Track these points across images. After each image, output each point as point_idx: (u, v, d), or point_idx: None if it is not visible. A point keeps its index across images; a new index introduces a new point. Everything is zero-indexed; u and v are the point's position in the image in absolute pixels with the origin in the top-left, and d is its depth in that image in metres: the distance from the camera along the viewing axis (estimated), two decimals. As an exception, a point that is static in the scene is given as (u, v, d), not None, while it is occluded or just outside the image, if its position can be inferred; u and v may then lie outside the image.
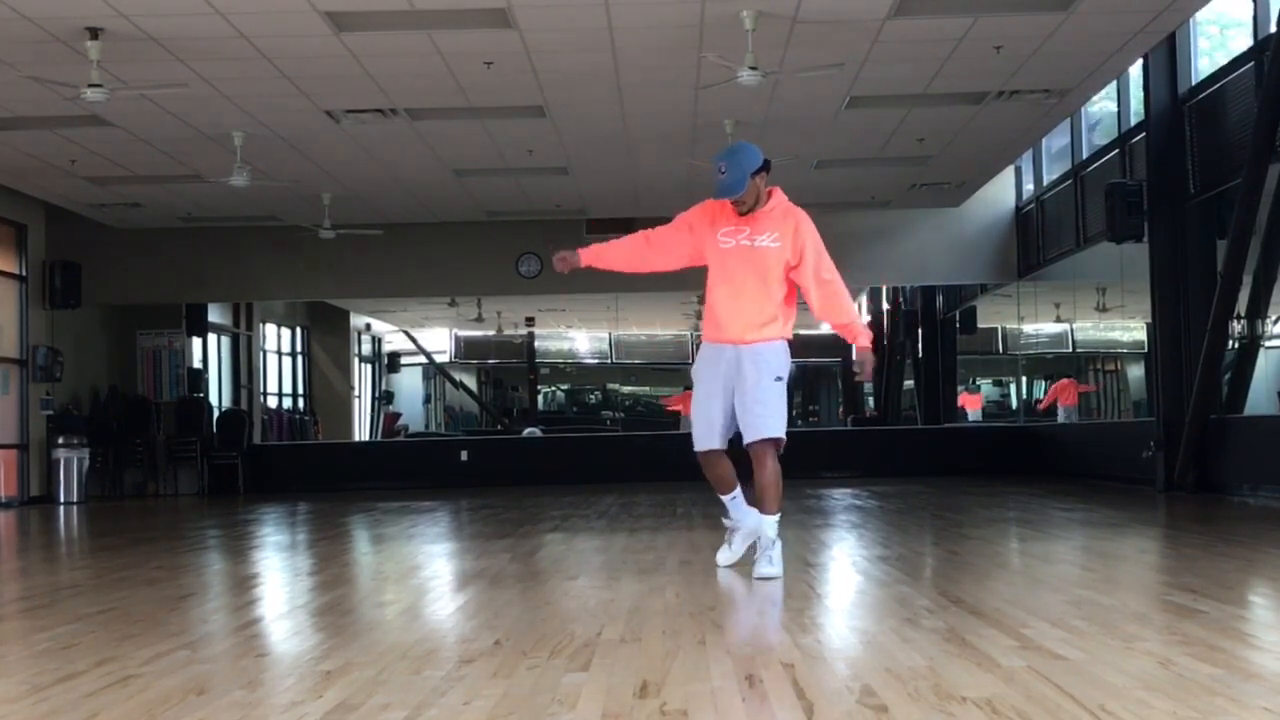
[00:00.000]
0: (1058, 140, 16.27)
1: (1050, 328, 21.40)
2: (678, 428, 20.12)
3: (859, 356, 6.06)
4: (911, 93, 11.90)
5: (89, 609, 5.50)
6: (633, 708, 3.22)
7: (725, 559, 6.35)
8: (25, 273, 16.72)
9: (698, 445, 6.05)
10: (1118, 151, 14.07)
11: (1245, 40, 11.77)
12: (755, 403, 5.86)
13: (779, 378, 5.92)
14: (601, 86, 11.37)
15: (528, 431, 22.07)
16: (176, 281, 18.07)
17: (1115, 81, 13.27)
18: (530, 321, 26.74)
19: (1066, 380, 20.59)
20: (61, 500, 15.98)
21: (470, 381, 30.18)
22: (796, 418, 30.68)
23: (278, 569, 7.65)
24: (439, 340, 29.15)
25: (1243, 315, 11.63)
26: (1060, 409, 20.15)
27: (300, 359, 24.58)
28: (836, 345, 28.78)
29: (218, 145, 12.90)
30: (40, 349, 16.57)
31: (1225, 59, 12.10)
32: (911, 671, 3.58)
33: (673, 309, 24.89)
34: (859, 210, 17.30)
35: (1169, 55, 12.40)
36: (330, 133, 12.70)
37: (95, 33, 9.36)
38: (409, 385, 29.68)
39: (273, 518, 12.36)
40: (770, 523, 5.92)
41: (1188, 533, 8.59)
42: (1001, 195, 17.89)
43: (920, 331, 22.62)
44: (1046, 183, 16.96)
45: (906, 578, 6.01)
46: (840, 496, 12.90)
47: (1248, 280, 11.50)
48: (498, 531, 9.39)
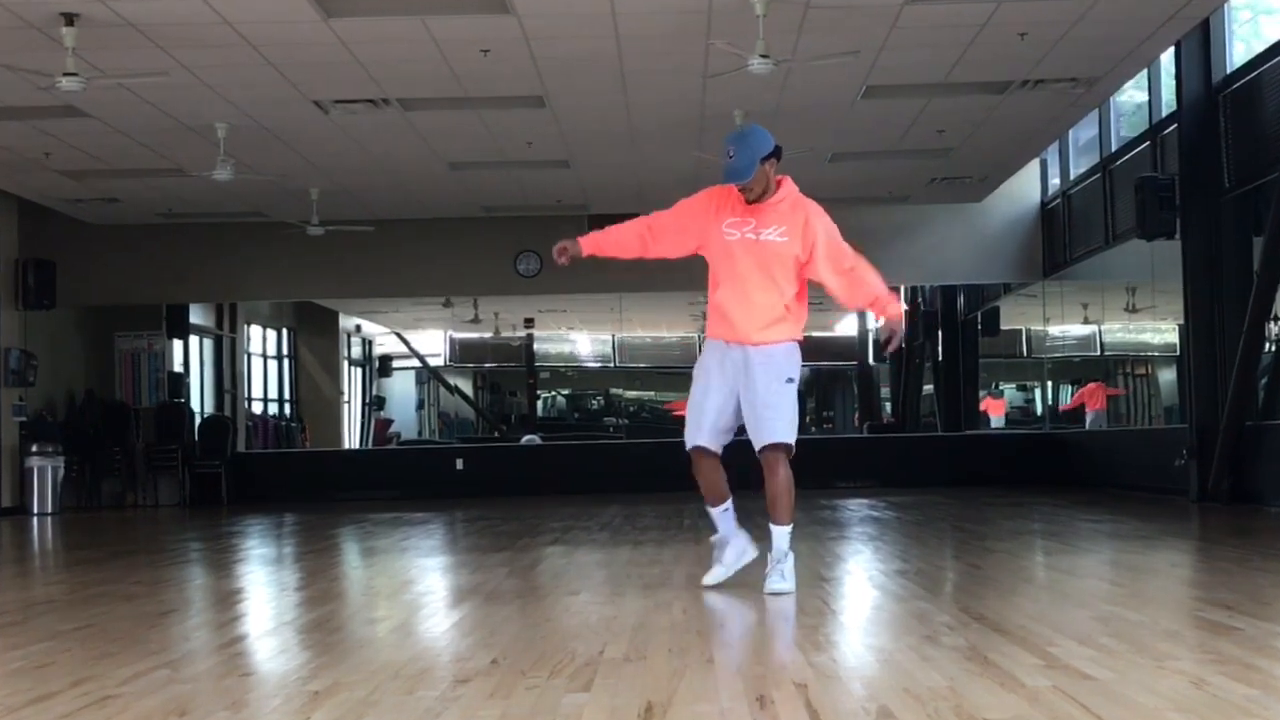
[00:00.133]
0: (1085, 132, 16.26)
1: (1077, 329, 21.40)
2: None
3: (888, 325, 5.98)
4: (931, 82, 11.90)
5: (65, 626, 5.51)
6: (637, 730, 3.23)
7: (712, 578, 6.16)
8: (-3, 271, 16.76)
9: (687, 440, 5.99)
10: (1149, 144, 14.06)
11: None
12: (765, 407, 5.84)
13: (790, 379, 5.90)
14: (604, 75, 11.38)
15: (526, 439, 22.09)
16: (156, 281, 18.07)
17: (1146, 70, 13.27)
18: (529, 323, 26.76)
19: (1095, 384, 20.59)
20: (35, 511, 15.99)
21: (466, 386, 30.20)
22: (810, 424, 30.73)
23: (263, 584, 7.66)
24: (433, 343, 29.18)
25: (1280, 316, 11.65)
26: (1088, 414, 20.15)
27: (287, 362, 24.61)
28: (852, 350, 28.90)
29: (200, 137, 12.91)
30: (12, 352, 16.59)
31: (1261, 46, 12.09)
32: (931, 692, 3.58)
33: (679, 310, 24.89)
34: (876, 206, 17.30)
35: (1202, 42, 12.40)
36: (318, 124, 12.72)
37: (70, 19, 9.37)
38: (401, 390, 29.72)
39: (258, 530, 12.37)
40: (782, 534, 5.89)
41: (1222, 545, 8.59)
42: (1026, 190, 17.88)
43: (940, 334, 22.62)
44: (1074, 177, 16.95)
45: (925, 593, 6.01)
46: (856, 507, 12.91)
47: (1286, 279, 11.52)
48: (495, 544, 9.40)
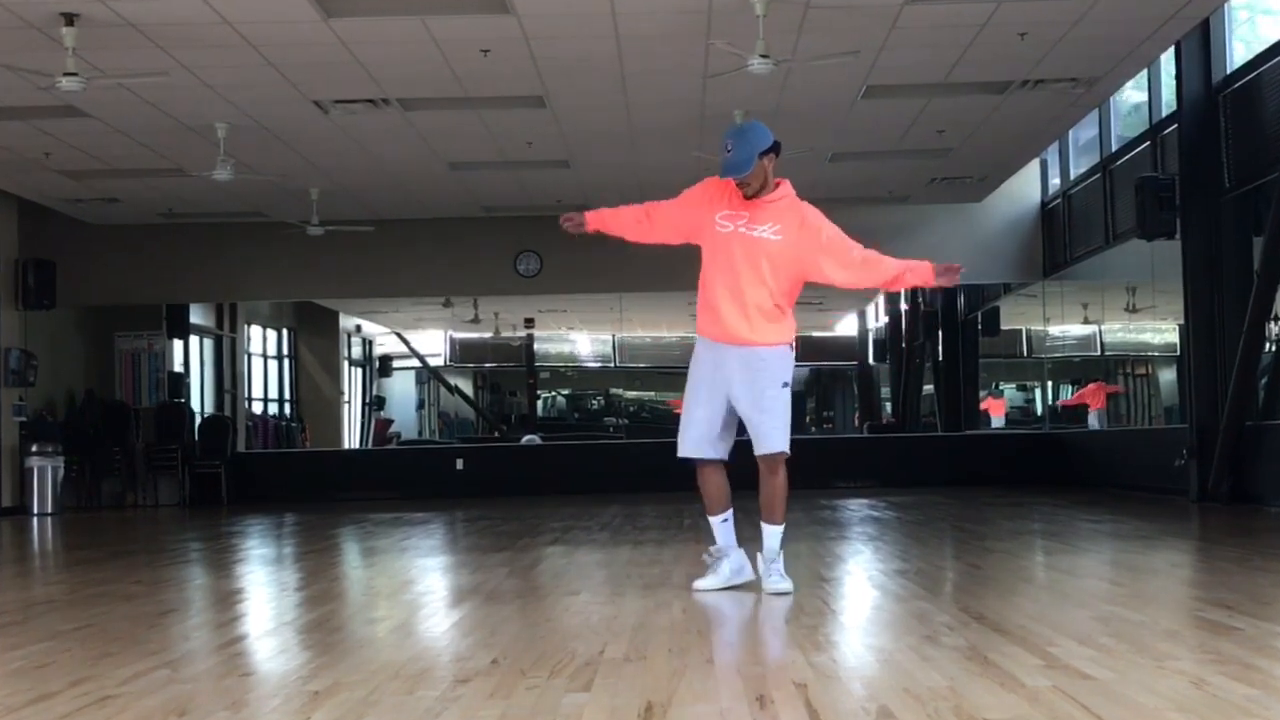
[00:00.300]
0: (1085, 132, 16.26)
1: (1077, 329, 21.37)
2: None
3: (943, 282, 5.87)
4: (931, 82, 11.90)
5: (64, 626, 5.51)
6: (637, 730, 3.23)
7: (704, 584, 6.05)
8: (-3, 272, 16.76)
9: (689, 451, 5.92)
10: (1149, 144, 14.06)
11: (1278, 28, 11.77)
12: (761, 412, 5.84)
13: (785, 384, 5.90)
14: (604, 75, 11.38)
15: (526, 439, 22.08)
16: (156, 281, 18.07)
17: (1146, 70, 13.26)
18: (529, 323, 26.75)
19: (1095, 384, 20.58)
20: (35, 511, 15.98)
21: (466, 386, 30.19)
22: (810, 424, 30.72)
23: (263, 584, 7.66)
24: (433, 343, 29.17)
25: (1280, 316, 11.65)
26: (1090, 413, 20.13)
27: (287, 362, 24.61)
28: (852, 350, 28.90)
29: (200, 137, 12.91)
30: (13, 352, 16.59)
31: (1261, 46, 12.09)
32: (931, 692, 3.58)
33: (680, 310, 24.83)
34: (875, 206, 17.29)
35: (1202, 42, 12.39)
36: (318, 124, 12.72)
37: (71, 18, 9.37)
38: (401, 390, 29.71)
39: (258, 530, 12.37)
40: (775, 534, 5.94)
41: (1222, 545, 8.59)
42: (1026, 190, 17.88)
43: (940, 334, 22.61)
44: (1074, 177, 16.94)
45: (926, 593, 6.01)
46: (856, 507, 12.90)
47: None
48: (495, 544, 9.40)
